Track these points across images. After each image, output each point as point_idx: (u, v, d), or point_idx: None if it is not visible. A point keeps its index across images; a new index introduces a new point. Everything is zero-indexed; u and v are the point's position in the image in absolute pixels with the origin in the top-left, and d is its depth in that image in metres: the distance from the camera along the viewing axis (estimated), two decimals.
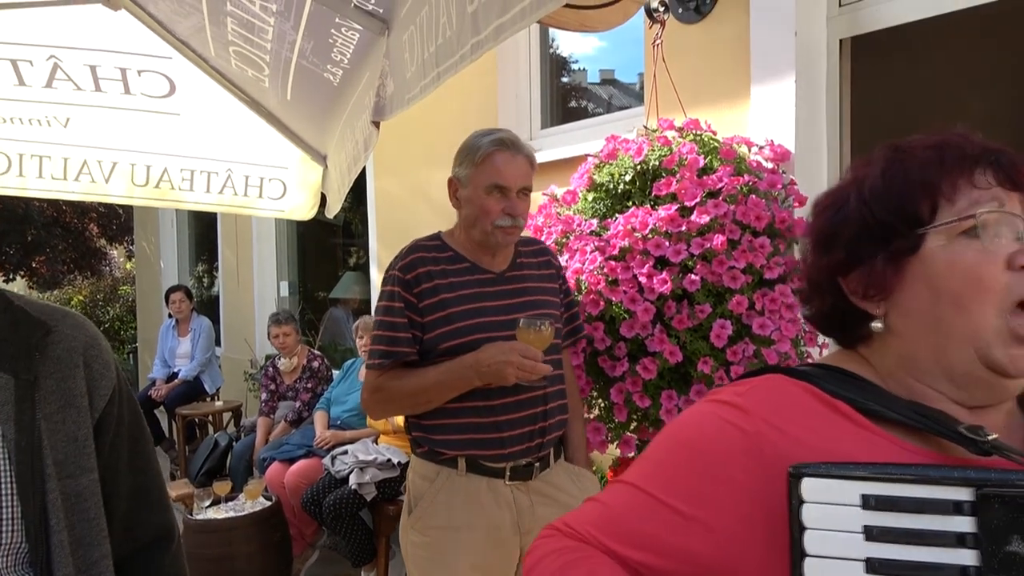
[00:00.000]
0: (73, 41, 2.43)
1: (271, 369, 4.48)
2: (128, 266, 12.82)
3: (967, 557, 0.61)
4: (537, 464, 1.74)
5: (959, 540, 0.61)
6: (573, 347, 2.00)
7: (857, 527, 0.63)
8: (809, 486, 0.64)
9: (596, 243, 2.13)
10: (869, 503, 0.63)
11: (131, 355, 8.86)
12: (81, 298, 11.71)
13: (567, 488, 1.78)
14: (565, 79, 3.75)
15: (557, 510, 1.73)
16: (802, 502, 0.64)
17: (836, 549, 0.63)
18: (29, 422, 0.86)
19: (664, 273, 2.01)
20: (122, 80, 2.59)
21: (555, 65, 3.64)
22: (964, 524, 0.62)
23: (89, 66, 2.52)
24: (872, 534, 0.63)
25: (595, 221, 2.24)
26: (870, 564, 0.62)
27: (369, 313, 4.32)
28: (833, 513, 0.64)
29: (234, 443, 4.63)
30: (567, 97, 3.78)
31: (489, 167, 1.73)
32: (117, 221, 11.56)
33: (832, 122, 2.32)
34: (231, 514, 3.31)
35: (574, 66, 3.83)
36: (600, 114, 3.43)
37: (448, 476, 1.71)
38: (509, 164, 1.74)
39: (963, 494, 0.62)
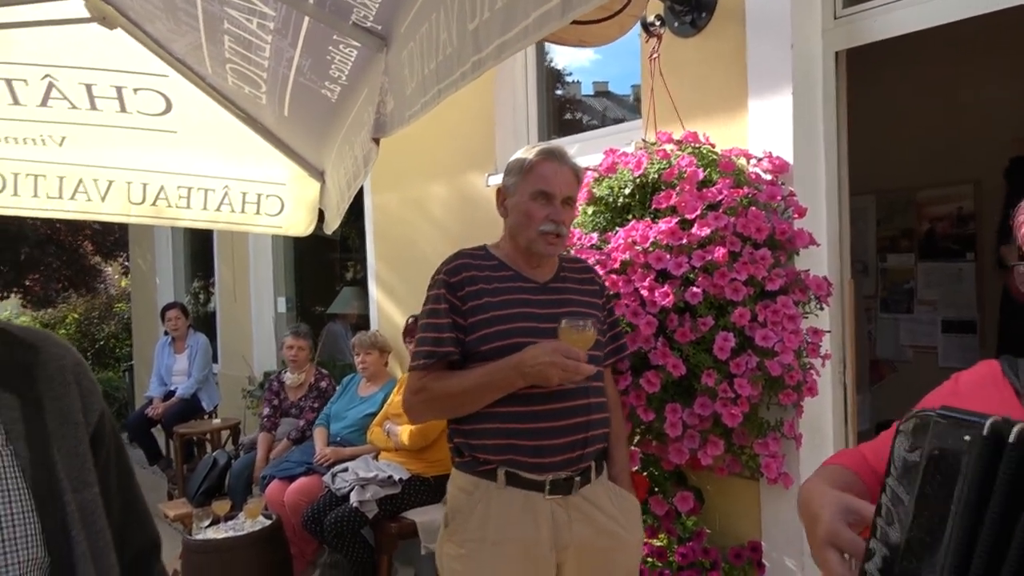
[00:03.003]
0: (68, 60, 2.42)
1: (275, 383, 4.45)
2: (123, 283, 12.76)
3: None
4: (578, 478, 1.73)
5: None
6: (615, 368, 2.00)
7: None
8: None
9: (597, 256, 2.13)
10: None
11: (127, 373, 8.81)
12: (76, 316, 11.65)
13: (607, 508, 1.77)
14: (561, 92, 3.76)
15: (594, 531, 1.73)
16: None
17: None
18: (40, 439, 0.88)
19: (666, 286, 2.00)
20: (118, 98, 2.58)
21: (551, 79, 3.65)
22: None
23: (85, 84, 2.51)
24: None
25: (595, 235, 2.24)
26: None
27: (367, 328, 4.30)
28: None
29: (233, 461, 4.59)
30: (563, 110, 3.79)
31: (536, 175, 1.78)
32: (112, 238, 11.50)
33: (830, 133, 2.32)
34: (231, 534, 3.27)
35: (569, 79, 3.84)
36: (596, 127, 3.43)
37: (487, 489, 1.71)
38: (555, 173, 1.78)
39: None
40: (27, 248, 10.20)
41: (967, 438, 0.65)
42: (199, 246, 7.11)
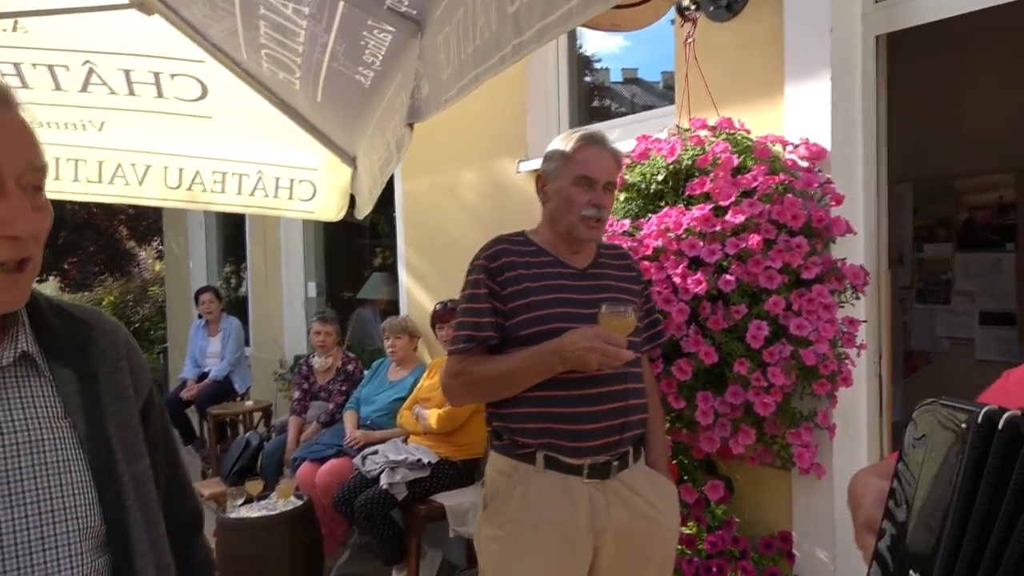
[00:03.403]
0: (108, 46, 2.46)
1: (305, 368, 4.52)
2: (157, 267, 13.00)
3: None
4: (616, 462, 1.74)
5: None
6: (652, 355, 2.00)
7: None
8: None
9: (629, 243, 2.12)
10: None
11: (161, 355, 8.99)
12: (112, 299, 11.89)
13: (644, 493, 1.77)
14: (590, 79, 3.73)
15: (632, 516, 1.74)
16: None
17: None
18: (96, 413, 0.90)
19: (698, 273, 1.99)
20: (155, 84, 2.62)
21: (582, 65, 3.63)
22: None
23: (123, 70, 2.55)
24: None
25: (627, 221, 2.23)
26: None
27: (396, 314, 4.33)
28: None
29: (265, 443, 4.67)
30: (593, 97, 3.76)
31: (577, 159, 1.78)
32: (146, 223, 11.71)
33: (868, 120, 2.28)
34: (264, 513, 3.34)
35: (599, 66, 3.81)
36: (624, 114, 3.40)
37: (526, 472, 1.73)
38: (596, 158, 1.79)
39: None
40: (65, 232, 10.42)
41: (963, 426, 0.69)
42: (231, 231, 7.20)
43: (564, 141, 1.84)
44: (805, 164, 2.15)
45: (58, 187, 2.85)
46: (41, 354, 0.89)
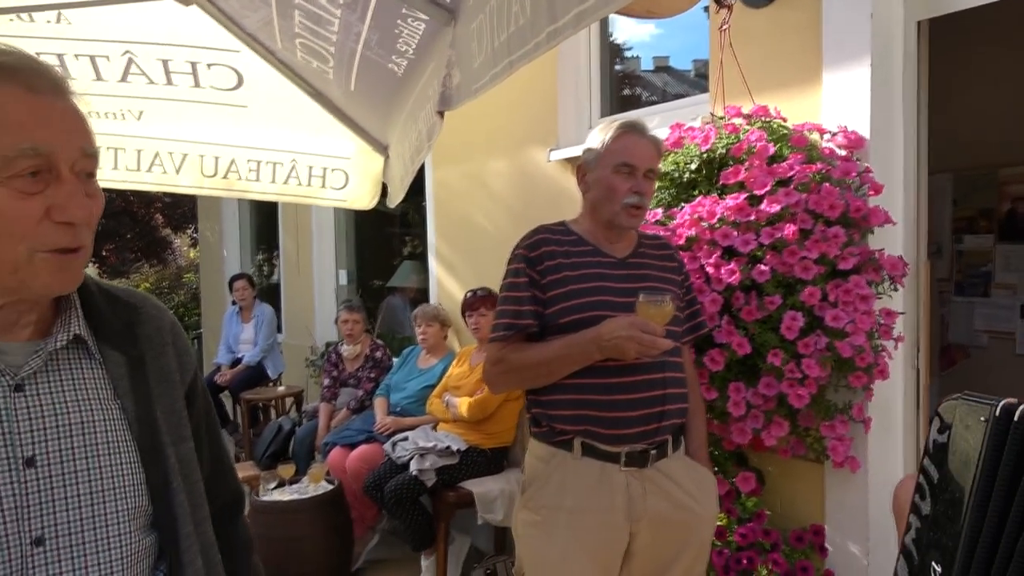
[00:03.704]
0: (147, 37, 2.50)
1: (334, 355, 4.57)
2: (192, 254, 13.22)
3: None
4: (654, 451, 1.74)
5: None
6: (709, 345, 2.00)
7: None
8: None
9: (662, 233, 2.10)
10: None
11: (195, 341, 9.16)
12: (147, 285, 12.13)
13: (683, 482, 1.78)
14: (621, 68, 3.70)
15: (669, 505, 1.74)
16: None
17: None
18: (144, 395, 0.92)
19: (732, 263, 1.97)
20: (192, 74, 2.66)
21: (614, 53, 3.59)
22: None
23: (161, 60, 2.59)
24: None
25: (660, 210, 2.21)
26: None
27: (426, 302, 4.35)
28: None
29: (296, 428, 4.75)
30: (624, 85, 3.73)
31: (618, 147, 1.79)
32: (181, 210, 11.91)
33: (909, 107, 2.23)
34: (296, 496, 3.40)
35: (630, 54, 3.77)
36: (655, 102, 3.37)
37: (563, 458, 1.75)
38: (637, 145, 1.79)
39: None
40: (103, 219, 10.56)
41: (982, 419, 0.70)
42: (264, 219, 7.29)
43: (604, 130, 1.84)
44: (843, 153, 2.11)
45: (98, 175, 2.90)
46: (92, 337, 0.92)
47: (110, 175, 2.96)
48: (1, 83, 0.79)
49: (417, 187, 3.88)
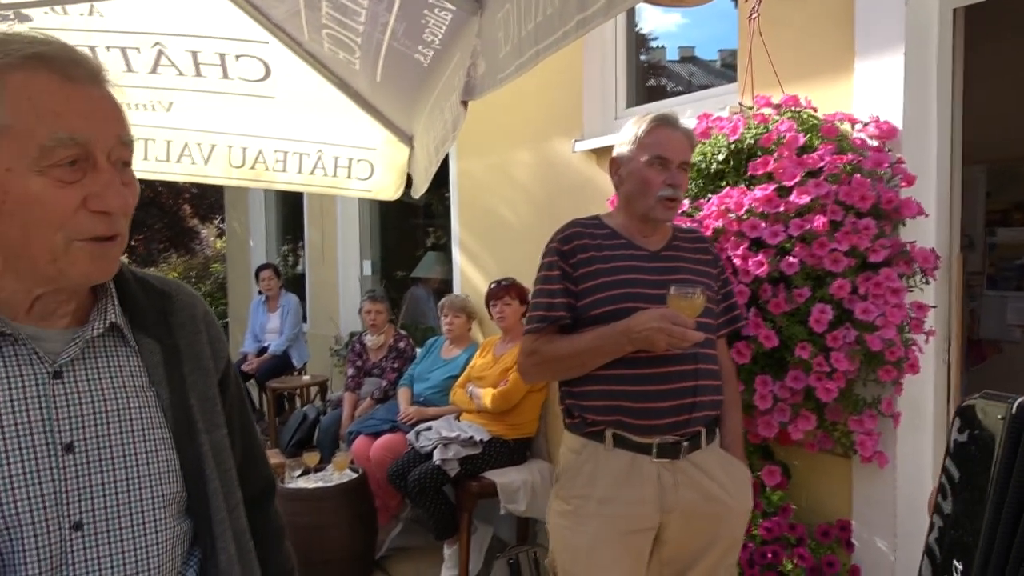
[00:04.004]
0: (176, 28, 2.52)
1: (358, 345, 4.60)
2: (218, 245, 13.38)
3: None
4: (686, 443, 1.74)
5: None
6: (735, 338, 1.99)
7: None
8: None
9: (688, 224, 2.08)
10: None
11: (222, 329, 9.27)
12: (175, 275, 12.29)
13: (716, 475, 1.78)
14: (646, 58, 3.66)
15: (701, 497, 1.74)
16: None
17: None
18: (178, 383, 0.94)
19: (760, 255, 1.95)
20: (221, 65, 2.68)
21: (640, 43, 3.56)
22: None
23: (191, 52, 2.61)
24: None
25: (687, 202, 2.19)
26: None
27: (450, 292, 4.37)
28: None
29: (321, 416, 4.79)
30: (649, 76, 3.69)
31: (651, 141, 1.80)
32: (208, 201, 12.05)
33: (943, 97, 2.18)
34: (320, 484, 3.43)
35: (655, 44, 3.74)
36: (681, 93, 3.34)
37: (595, 449, 1.77)
38: (670, 137, 1.80)
39: None
40: (134, 210, 10.79)
41: (1000, 417, 0.71)
42: (289, 210, 7.35)
43: (637, 124, 1.84)
44: (875, 143, 2.07)
45: None
46: (128, 325, 0.93)
47: (140, 166, 3.00)
48: (39, 72, 0.79)
49: (441, 178, 3.89)
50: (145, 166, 3.00)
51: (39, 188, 0.79)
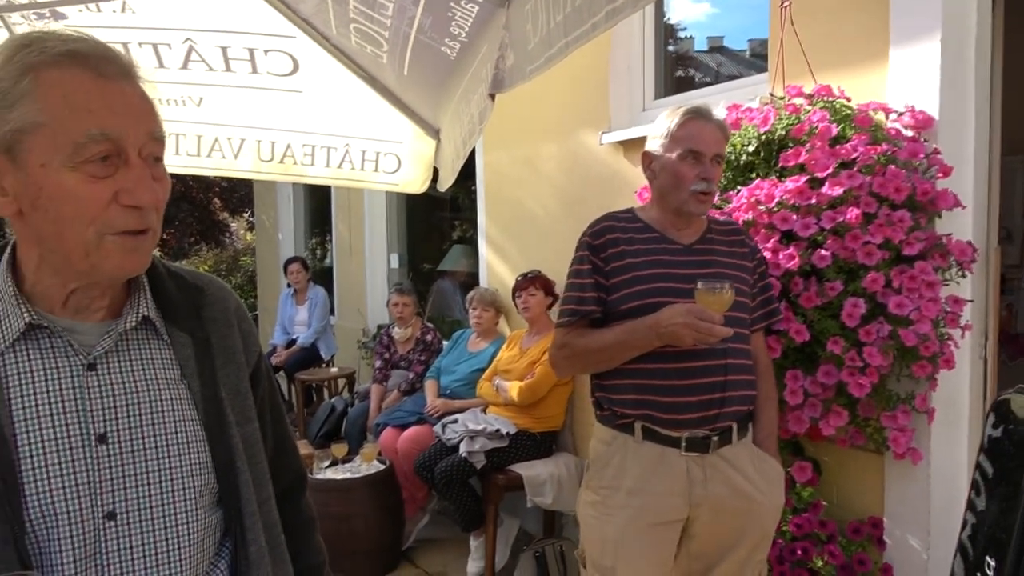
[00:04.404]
0: (206, 24, 2.55)
1: (385, 338, 4.63)
2: (248, 238, 13.54)
3: None
4: (715, 437, 1.74)
5: None
6: (767, 332, 1.97)
7: None
8: None
9: (717, 216, 2.06)
10: None
11: (254, 323, 9.40)
12: (206, 268, 12.48)
13: (746, 470, 1.77)
14: (674, 48, 3.62)
15: (730, 491, 1.74)
16: None
17: None
18: (209, 376, 0.95)
19: (791, 248, 1.92)
20: (250, 60, 2.70)
21: (668, 33, 3.52)
22: None
23: (220, 47, 2.64)
24: None
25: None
26: None
27: (476, 285, 4.37)
28: None
29: (349, 408, 4.84)
30: (679, 66, 3.65)
31: (683, 134, 1.78)
32: (238, 195, 12.20)
33: (982, 86, 2.13)
34: (348, 475, 3.47)
35: (685, 34, 3.69)
36: (709, 84, 3.29)
37: (624, 441, 1.78)
38: (703, 131, 1.78)
39: None
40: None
41: None
42: (317, 204, 7.41)
43: (669, 116, 1.83)
44: (910, 133, 2.03)
45: None
46: (160, 318, 0.94)
47: (171, 160, 3.04)
48: (72, 69, 0.80)
49: (467, 171, 3.89)
50: (176, 160, 3.04)
51: (72, 183, 0.80)
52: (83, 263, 0.83)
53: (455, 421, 3.49)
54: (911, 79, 2.10)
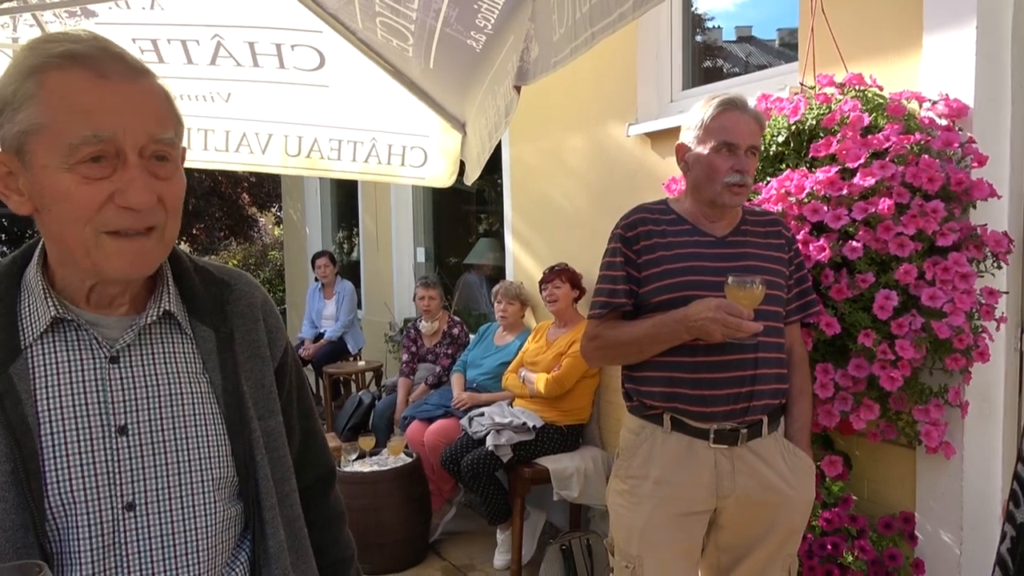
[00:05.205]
0: (234, 20, 2.58)
1: (412, 331, 4.66)
2: (276, 232, 13.69)
3: None
4: (744, 430, 1.74)
5: None
6: (804, 324, 1.95)
7: None
8: None
9: (754, 207, 2.04)
10: None
11: (281, 317, 9.50)
12: (235, 262, 12.63)
13: (776, 464, 1.76)
14: (702, 39, 3.58)
15: (758, 485, 1.73)
16: None
17: None
18: (232, 370, 0.95)
19: (822, 240, 1.89)
20: (277, 55, 2.73)
21: (695, 24, 3.48)
22: None
23: (248, 43, 2.67)
24: None
25: None
26: None
27: (503, 279, 4.38)
28: None
29: (376, 401, 4.88)
30: (705, 57, 3.61)
31: (718, 126, 1.77)
32: (266, 190, 12.33)
33: (1018, 73, 2.07)
34: (376, 468, 3.50)
35: (713, 24, 3.64)
36: (737, 74, 3.25)
37: (653, 431, 1.79)
38: (738, 122, 1.77)
39: None
40: (194, 199, 11.13)
41: None
42: (344, 198, 7.46)
43: (703, 107, 1.81)
44: (944, 122, 1.99)
45: (190, 156, 3.04)
46: (184, 312, 0.95)
47: (200, 156, 3.08)
48: (71, 70, 0.80)
49: (493, 164, 3.89)
50: (205, 156, 3.08)
51: (67, 184, 0.80)
52: (86, 261, 0.84)
53: (482, 414, 3.50)
54: (945, 66, 2.05)
